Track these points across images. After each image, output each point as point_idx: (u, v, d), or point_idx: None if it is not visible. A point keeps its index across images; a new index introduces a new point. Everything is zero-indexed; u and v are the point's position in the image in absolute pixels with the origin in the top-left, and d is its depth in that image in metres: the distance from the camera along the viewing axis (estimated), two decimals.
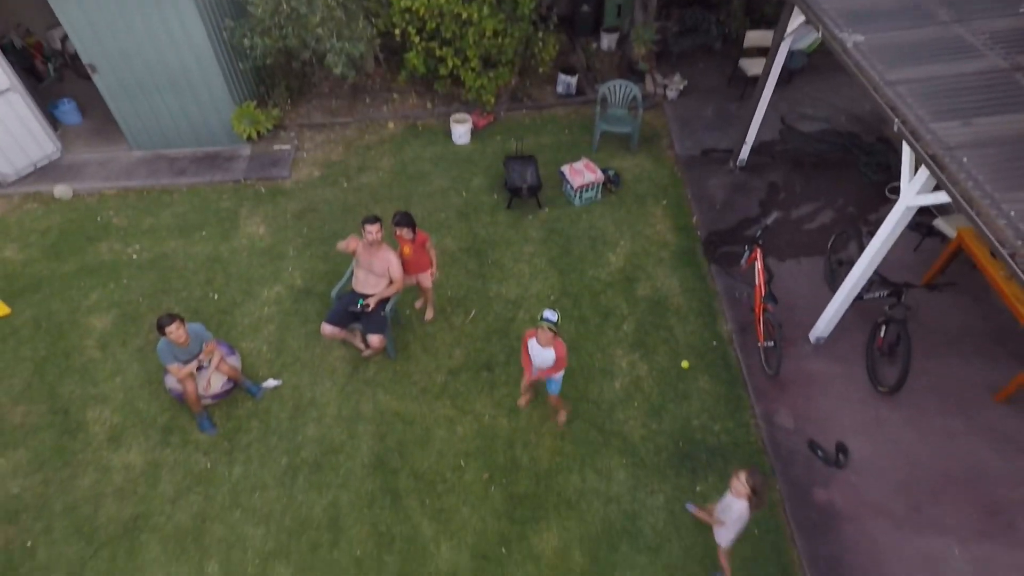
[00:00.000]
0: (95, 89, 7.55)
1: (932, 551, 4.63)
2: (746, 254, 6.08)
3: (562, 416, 5.36)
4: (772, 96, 7.04)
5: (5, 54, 7.27)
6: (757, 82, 7.02)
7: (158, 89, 7.44)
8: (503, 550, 4.70)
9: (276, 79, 8.31)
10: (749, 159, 7.79)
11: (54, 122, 8.23)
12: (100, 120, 8.35)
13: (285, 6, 6.95)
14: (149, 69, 7.23)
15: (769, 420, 5.46)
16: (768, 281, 5.93)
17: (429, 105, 8.77)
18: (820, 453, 5.21)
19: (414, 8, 7.28)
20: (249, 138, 8.00)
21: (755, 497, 3.79)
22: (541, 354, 4.62)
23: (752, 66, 8.74)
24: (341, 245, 5.26)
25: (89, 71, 7.22)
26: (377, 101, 8.82)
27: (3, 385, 5.65)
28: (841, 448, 5.22)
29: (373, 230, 5.17)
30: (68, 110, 8.33)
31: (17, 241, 6.96)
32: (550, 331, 4.37)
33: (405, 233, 5.35)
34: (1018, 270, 3.24)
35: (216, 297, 6.37)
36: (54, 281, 6.52)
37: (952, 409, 5.40)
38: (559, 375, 4.86)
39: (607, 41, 9.80)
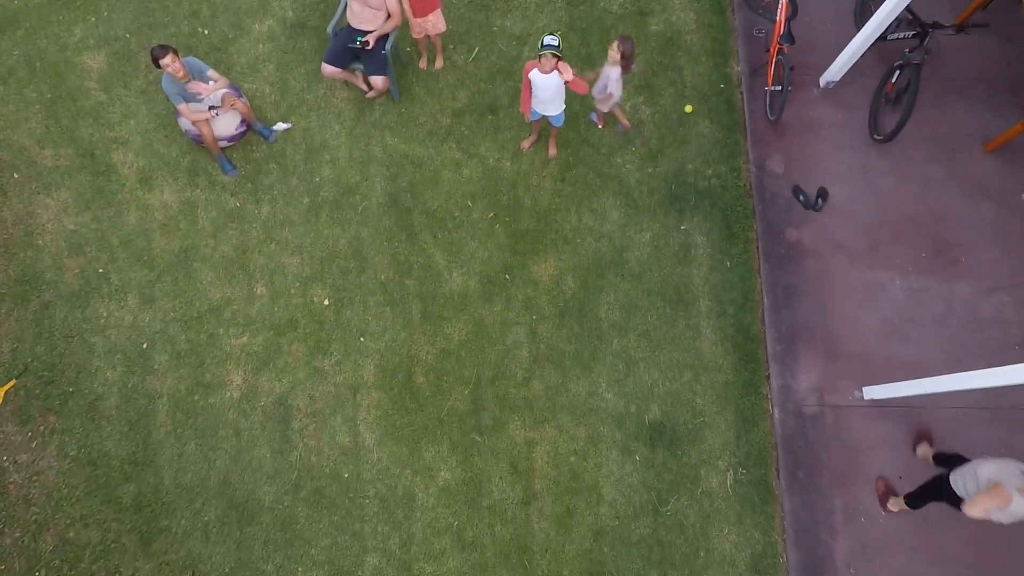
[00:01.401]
0: None
1: (876, 282, 5.36)
2: None
3: (553, 148, 5.68)
4: None
5: None
6: None
7: None
8: (506, 276, 5.46)
9: None
10: None
11: None
12: None
13: None
14: None
15: (760, 165, 5.73)
16: (790, 18, 5.55)
17: None
18: (801, 197, 5.60)
19: None
20: None
21: (625, 61, 4.65)
22: (544, 84, 4.69)
23: None
24: None
25: None
26: None
27: (23, 129, 5.82)
28: (821, 193, 5.59)
29: None
30: None
31: None
32: (553, 57, 4.44)
33: None
34: None
35: (206, 32, 6.08)
36: (30, 14, 6.13)
37: (939, 158, 5.61)
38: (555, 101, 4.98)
39: None
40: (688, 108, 5.82)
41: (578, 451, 5.06)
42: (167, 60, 4.69)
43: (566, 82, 4.64)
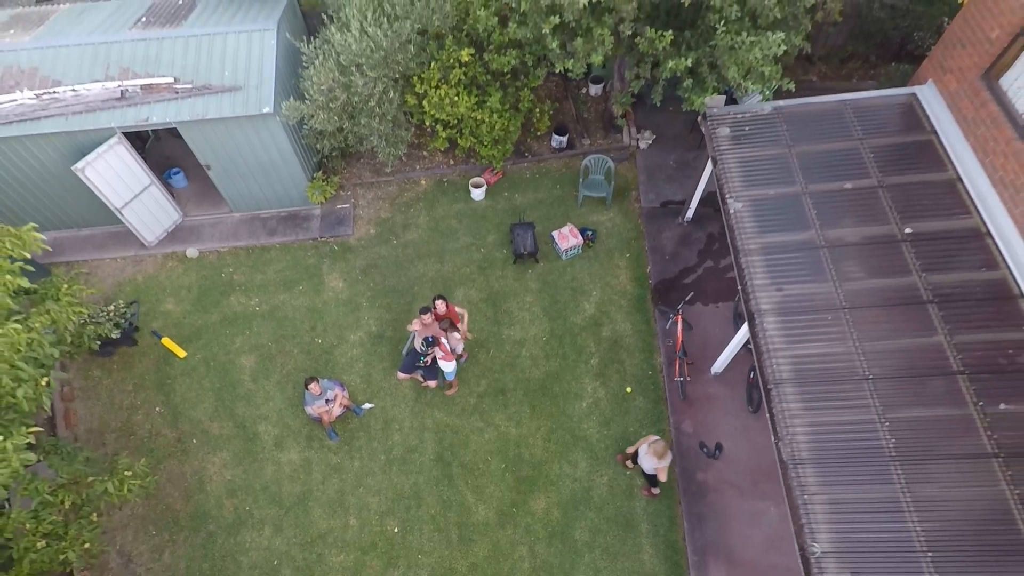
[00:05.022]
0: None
1: (757, 510, 8.14)
2: (670, 319, 9.06)
3: (451, 391, 8.96)
4: None
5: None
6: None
7: (253, 175, 10.07)
8: (513, 510, 8.27)
9: (334, 151, 10.79)
10: (697, 211, 10.40)
11: (169, 189, 10.89)
12: (201, 184, 10.98)
13: (347, 124, 9.40)
14: (247, 164, 9.83)
15: (678, 427, 8.80)
16: (686, 333, 8.96)
17: (451, 162, 11.27)
18: (705, 450, 8.58)
19: (443, 118, 9.64)
20: (318, 202, 10.69)
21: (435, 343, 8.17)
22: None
23: None
24: (410, 328, 8.33)
25: (205, 169, 9.83)
26: (411, 159, 11.32)
27: (199, 409, 9.04)
28: (719, 446, 8.58)
29: (427, 319, 8.22)
30: (178, 178, 10.96)
31: (172, 296, 10.02)
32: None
33: (440, 307, 8.34)
34: (765, 400, 6.33)
35: (320, 341, 9.55)
36: (208, 330, 9.68)
37: None
38: (448, 367, 8.40)
39: (594, 89, 11.96)
40: (628, 389, 9.04)
41: None
42: (312, 387, 7.97)
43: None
